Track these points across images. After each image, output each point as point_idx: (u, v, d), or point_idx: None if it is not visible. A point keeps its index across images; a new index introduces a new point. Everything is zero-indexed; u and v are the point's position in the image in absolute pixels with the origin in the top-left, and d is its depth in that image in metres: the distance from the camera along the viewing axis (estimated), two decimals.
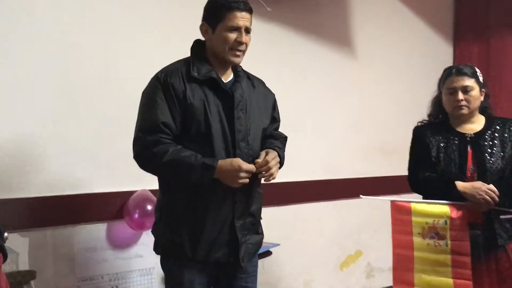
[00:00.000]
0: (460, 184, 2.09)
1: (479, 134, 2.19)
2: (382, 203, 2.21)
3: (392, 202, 2.16)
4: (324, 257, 3.36)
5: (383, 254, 3.66)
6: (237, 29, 1.74)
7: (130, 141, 1.80)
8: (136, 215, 2.37)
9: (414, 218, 2.10)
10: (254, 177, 1.75)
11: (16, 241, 2.18)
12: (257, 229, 1.92)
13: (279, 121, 2.04)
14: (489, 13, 3.81)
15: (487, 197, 2.04)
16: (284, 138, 2.02)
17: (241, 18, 1.73)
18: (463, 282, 2.04)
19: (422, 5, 3.86)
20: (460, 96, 2.16)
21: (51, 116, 2.31)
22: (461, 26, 4.05)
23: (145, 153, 1.72)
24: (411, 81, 3.82)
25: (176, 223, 1.77)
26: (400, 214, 2.13)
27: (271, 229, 2.98)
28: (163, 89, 1.72)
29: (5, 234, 1.46)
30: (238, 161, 1.69)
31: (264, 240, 2.68)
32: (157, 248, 1.85)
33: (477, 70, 2.23)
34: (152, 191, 2.44)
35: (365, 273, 3.61)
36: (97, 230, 2.43)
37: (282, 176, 3.07)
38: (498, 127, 2.21)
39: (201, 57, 1.80)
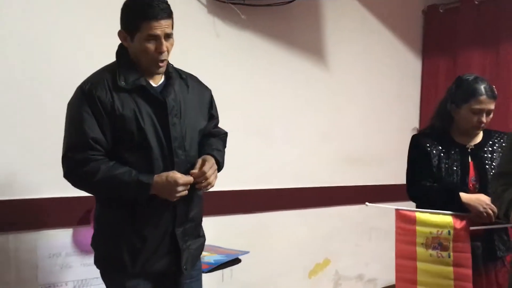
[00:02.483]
0: (464, 196, 2.10)
1: (479, 146, 2.22)
2: (351, 212, 2.25)
3: (397, 210, 2.14)
4: (292, 265, 3.36)
5: (351, 262, 3.71)
6: (155, 37, 1.63)
7: None
8: None
9: (418, 228, 2.08)
10: (193, 186, 1.69)
11: None
12: (198, 233, 1.85)
13: (218, 117, 1.95)
14: (456, 29, 3.91)
15: (490, 211, 2.06)
16: (224, 134, 1.94)
17: (159, 26, 1.61)
18: None
19: (393, 19, 3.95)
20: (485, 118, 2.15)
21: (14, 119, 2.25)
22: (430, 41, 4.15)
23: (75, 172, 1.64)
24: (380, 92, 3.89)
25: (114, 236, 1.71)
26: (405, 223, 2.11)
27: (240, 237, 3.00)
28: (89, 103, 1.61)
29: None
30: (174, 175, 1.62)
31: (234, 247, 2.69)
32: (97, 262, 1.79)
33: (495, 89, 2.19)
34: None
35: (333, 281, 3.63)
36: (62, 236, 2.37)
37: (253, 183, 3.11)
38: (496, 140, 2.24)
39: (128, 63, 1.68)
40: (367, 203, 2.23)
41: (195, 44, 2.85)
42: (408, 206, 2.37)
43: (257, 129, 3.15)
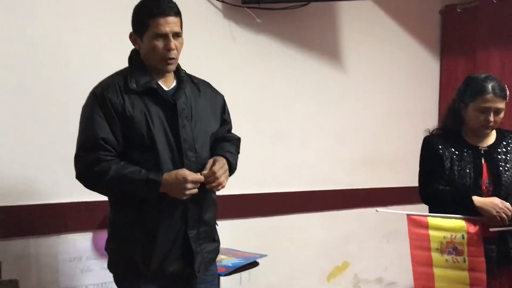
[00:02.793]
0: (477, 199, 2.07)
1: (493, 147, 2.18)
2: (369, 215, 2.24)
3: (409, 216, 2.11)
4: (311, 268, 3.35)
5: (370, 266, 3.68)
6: (163, 35, 1.66)
7: None
8: None
9: (431, 232, 2.06)
10: (204, 186, 1.69)
11: None
12: (213, 237, 1.85)
13: (230, 122, 1.96)
14: (475, 28, 3.86)
15: (503, 214, 2.03)
16: (237, 140, 1.94)
17: (166, 24, 1.65)
18: None
19: (410, 19, 3.92)
20: (492, 117, 2.10)
21: (33, 124, 2.28)
22: (448, 41, 4.10)
23: (86, 172, 1.67)
24: (397, 94, 3.85)
25: (126, 238, 1.72)
26: (417, 228, 2.09)
27: (258, 240, 3.00)
28: (100, 105, 1.65)
29: None
30: (183, 173, 1.63)
31: (251, 250, 2.69)
32: (111, 266, 1.81)
33: (506, 88, 2.16)
34: None
35: (352, 284, 3.60)
36: (82, 240, 2.41)
37: (269, 186, 3.11)
38: (510, 140, 2.20)
39: (140, 66, 1.73)
40: (377, 209, 2.22)
41: (211, 48, 2.86)
42: (427, 208, 2.34)
43: (273, 132, 3.16)
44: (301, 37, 3.27)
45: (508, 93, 2.15)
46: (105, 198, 2.43)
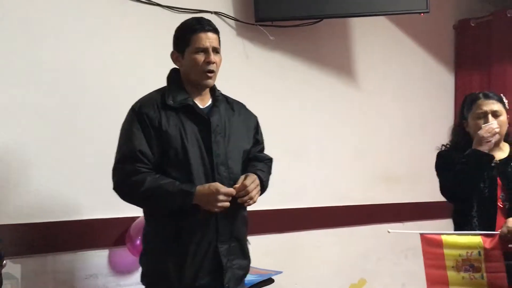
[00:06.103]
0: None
1: (506, 162, 2.16)
2: (386, 230, 2.22)
3: (422, 235, 2.11)
4: (327, 286, 3.31)
5: (387, 282, 3.62)
6: (204, 50, 1.78)
7: None
8: (138, 241, 2.35)
9: (446, 251, 2.05)
10: (235, 201, 1.74)
11: (17, 267, 2.17)
12: (244, 254, 1.88)
13: (263, 143, 2.03)
14: (490, 42, 3.85)
15: None
16: (269, 160, 2.00)
17: (207, 39, 1.78)
18: None
19: (423, 35, 3.92)
20: (491, 119, 2.11)
21: (50, 140, 2.30)
22: (462, 55, 4.10)
23: (123, 183, 1.74)
24: (412, 109, 3.84)
25: (160, 251, 1.76)
26: (431, 247, 2.08)
27: (273, 256, 2.97)
28: (138, 119, 1.74)
29: (4, 261, 1.45)
30: (216, 185, 1.69)
31: (267, 267, 2.67)
32: (144, 278, 1.84)
33: (503, 96, 2.21)
34: None
35: None
36: (99, 257, 2.41)
37: (285, 203, 3.10)
38: None
39: (177, 85, 1.82)
40: (389, 230, 2.21)
41: (225, 65, 2.85)
42: (446, 223, 2.31)
43: (289, 148, 3.15)
44: (315, 53, 3.29)
45: (504, 98, 2.19)
46: (122, 215, 2.46)
